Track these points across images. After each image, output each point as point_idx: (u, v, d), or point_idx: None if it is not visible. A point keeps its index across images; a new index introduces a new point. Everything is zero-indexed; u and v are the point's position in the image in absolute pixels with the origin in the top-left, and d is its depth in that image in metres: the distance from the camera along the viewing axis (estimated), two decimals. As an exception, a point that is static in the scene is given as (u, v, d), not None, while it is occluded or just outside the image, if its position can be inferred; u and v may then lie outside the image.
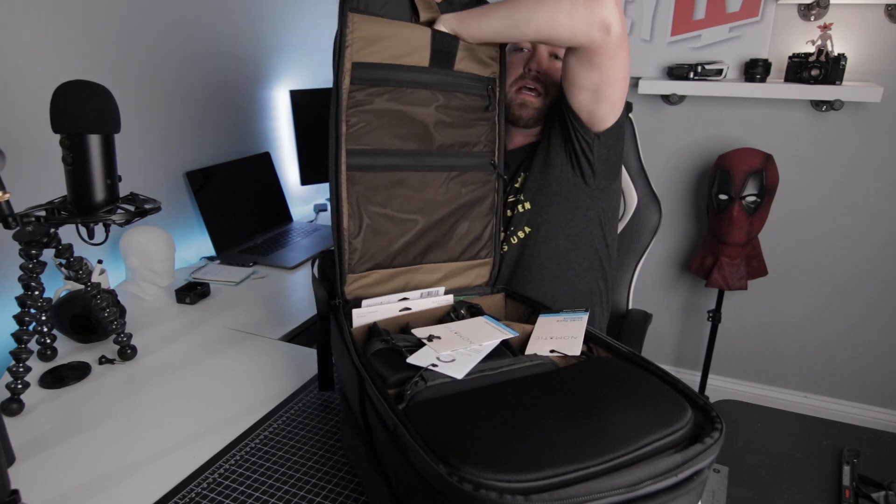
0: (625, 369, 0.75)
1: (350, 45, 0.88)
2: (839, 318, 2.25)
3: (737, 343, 2.42)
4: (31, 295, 1.04)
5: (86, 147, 0.98)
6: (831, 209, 2.16)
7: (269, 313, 1.45)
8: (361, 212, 0.94)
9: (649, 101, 2.25)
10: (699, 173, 2.29)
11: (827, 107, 2.05)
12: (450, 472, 0.55)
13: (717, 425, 0.63)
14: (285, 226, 2.09)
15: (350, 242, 0.93)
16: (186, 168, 1.79)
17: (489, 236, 1.08)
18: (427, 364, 0.76)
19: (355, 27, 0.88)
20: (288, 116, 2.19)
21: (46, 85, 1.01)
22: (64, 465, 0.91)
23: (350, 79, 0.89)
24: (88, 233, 1.06)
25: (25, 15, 1.32)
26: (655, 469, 0.57)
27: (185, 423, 1.02)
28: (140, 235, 1.49)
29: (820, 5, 1.96)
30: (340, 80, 0.88)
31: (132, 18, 1.56)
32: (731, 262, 2.10)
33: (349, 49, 0.88)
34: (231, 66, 1.93)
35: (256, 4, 1.98)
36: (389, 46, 0.91)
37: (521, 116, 1.22)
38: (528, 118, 1.22)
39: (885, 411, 2.28)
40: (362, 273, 0.95)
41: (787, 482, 1.64)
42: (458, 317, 0.94)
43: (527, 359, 0.80)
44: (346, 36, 0.87)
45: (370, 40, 0.89)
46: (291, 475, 0.89)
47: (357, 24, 0.88)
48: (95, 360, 1.20)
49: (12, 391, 1.03)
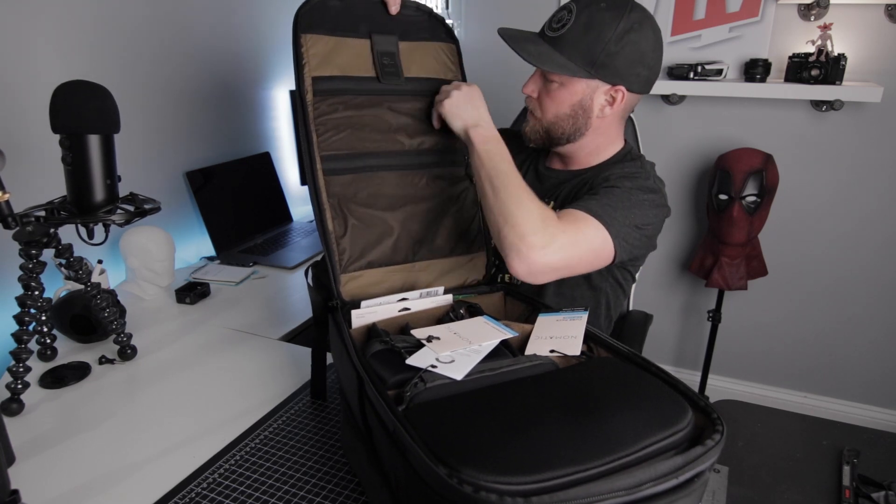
0: (625, 370, 0.75)
1: (307, 62, 0.95)
2: (839, 318, 2.25)
3: (737, 343, 2.42)
4: (31, 295, 1.04)
5: (85, 147, 0.98)
6: (831, 209, 2.16)
7: (268, 313, 1.45)
8: (345, 212, 0.96)
9: (649, 101, 2.25)
10: (699, 173, 2.29)
11: (827, 107, 2.05)
12: (450, 474, 0.55)
13: (718, 427, 0.63)
14: (285, 226, 2.09)
15: (338, 243, 0.94)
16: (186, 168, 1.79)
17: (477, 230, 1.09)
18: (426, 365, 0.76)
19: (308, 46, 0.96)
20: (288, 116, 2.19)
21: (46, 85, 1.01)
22: (64, 465, 0.91)
23: (312, 92, 0.96)
24: (88, 233, 1.06)
25: (25, 15, 1.32)
26: (656, 471, 0.57)
27: (185, 423, 1.02)
28: (140, 235, 1.49)
29: (820, 5, 1.95)
30: (304, 94, 0.95)
31: (132, 19, 1.56)
32: (731, 262, 2.10)
33: (306, 66, 0.95)
34: (231, 66, 1.92)
35: (256, 4, 1.98)
36: (340, 60, 0.98)
37: (525, 138, 1.20)
38: (529, 140, 1.19)
39: (885, 411, 2.28)
40: (354, 273, 0.96)
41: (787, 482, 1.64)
42: (457, 317, 0.94)
43: (527, 359, 0.80)
44: (301, 55, 0.95)
45: (323, 56, 0.97)
46: (291, 475, 0.89)
47: (310, 42, 0.96)
48: (95, 360, 1.20)
49: (12, 391, 1.03)
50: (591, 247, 0.97)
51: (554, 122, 1.13)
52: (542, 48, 1.07)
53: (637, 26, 1.04)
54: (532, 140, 1.18)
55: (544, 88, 1.12)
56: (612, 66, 1.05)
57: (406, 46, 1.05)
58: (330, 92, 0.97)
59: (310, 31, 0.95)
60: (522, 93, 1.16)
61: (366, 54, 1.01)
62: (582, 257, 0.97)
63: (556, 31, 1.07)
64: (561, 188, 1.19)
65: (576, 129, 1.13)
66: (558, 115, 1.12)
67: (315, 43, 0.96)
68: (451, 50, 1.11)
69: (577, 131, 1.13)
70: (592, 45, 1.04)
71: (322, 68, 0.96)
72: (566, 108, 1.11)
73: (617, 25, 1.03)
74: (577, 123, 1.12)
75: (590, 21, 1.03)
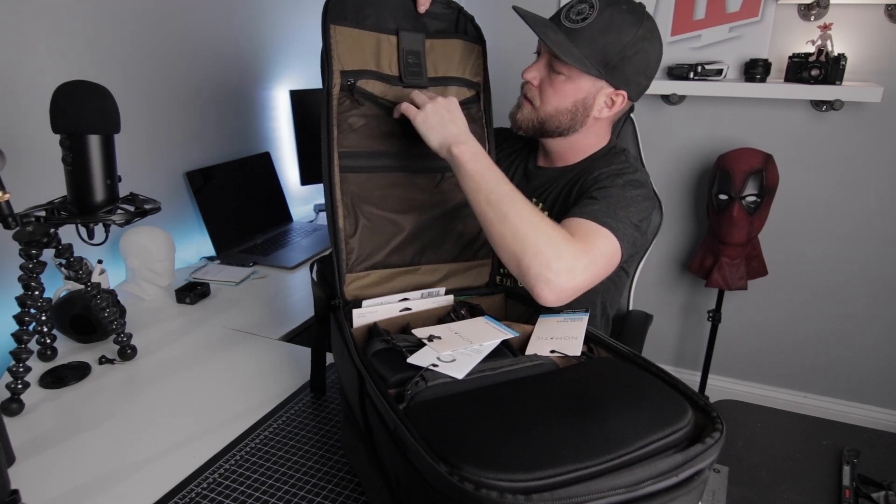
0: (625, 370, 0.75)
1: (336, 55, 0.93)
2: (839, 318, 2.25)
3: (737, 343, 2.42)
4: (31, 295, 1.04)
5: (86, 147, 0.98)
6: (831, 209, 2.16)
7: (268, 313, 1.45)
8: (357, 212, 0.95)
9: (649, 101, 2.25)
10: (699, 173, 2.29)
11: (827, 107, 2.05)
12: (451, 472, 0.55)
13: (717, 426, 0.63)
14: (285, 226, 2.09)
15: (347, 242, 0.94)
16: (186, 168, 1.79)
17: (485, 238, 1.08)
18: (427, 364, 0.76)
19: (338, 38, 0.93)
20: (288, 116, 2.19)
21: (46, 85, 1.01)
22: (64, 465, 0.91)
23: (340, 86, 0.94)
24: (88, 233, 1.06)
25: (25, 15, 1.32)
26: (656, 469, 0.57)
27: (185, 423, 1.02)
28: (140, 235, 1.49)
29: (820, 5, 1.96)
30: (330, 87, 0.93)
31: (131, 19, 1.56)
32: (731, 262, 2.10)
33: (335, 59, 0.93)
34: (231, 66, 1.93)
35: (256, 4, 1.98)
36: (367, 56, 0.96)
37: (514, 123, 1.17)
38: (518, 127, 1.16)
39: (885, 411, 2.28)
40: (361, 273, 0.95)
41: (787, 482, 1.64)
42: (458, 317, 0.94)
43: (527, 359, 0.80)
44: (331, 47, 0.93)
45: (352, 50, 0.95)
46: (291, 475, 0.89)
47: (339, 35, 0.94)
48: (95, 360, 1.20)
49: (12, 391, 1.03)
50: (606, 258, 0.97)
51: (553, 114, 1.11)
52: (559, 37, 1.05)
53: (650, 35, 1.04)
54: (523, 128, 1.15)
55: (548, 78, 1.10)
56: (622, 71, 1.05)
57: (433, 44, 1.03)
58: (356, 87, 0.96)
59: (339, 23, 0.93)
60: (522, 77, 1.13)
61: (392, 51, 0.99)
62: (602, 272, 0.96)
63: (575, 24, 1.04)
64: (548, 186, 1.19)
65: (571, 125, 1.12)
66: (559, 108, 1.10)
67: (345, 36, 0.94)
68: (478, 51, 1.08)
69: (572, 127, 1.12)
70: (610, 46, 1.03)
71: (350, 62, 0.95)
72: (568, 102, 1.10)
73: (636, 31, 1.02)
74: (574, 119, 1.11)
75: (611, 21, 1.02)
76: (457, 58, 1.06)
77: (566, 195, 1.14)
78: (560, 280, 0.86)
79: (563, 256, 0.87)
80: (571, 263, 0.88)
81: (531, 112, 1.13)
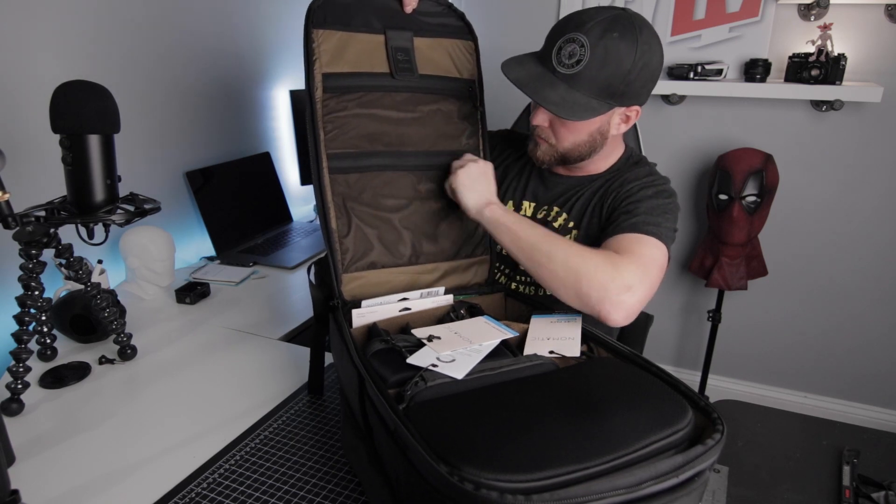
0: (625, 370, 0.75)
1: (317, 58, 0.94)
2: (839, 318, 2.25)
3: (737, 343, 2.42)
4: (31, 295, 1.04)
5: (85, 147, 0.98)
6: (831, 209, 2.16)
7: (268, 313, 1.45)
8: (349, 212, 0.95)
9: (649, 101, 2.23)
10: (699, 173, 2.29)
11: (827, 107, 2.05)
12: (451, 472, 0.55)
13: (718, 427, 0.63)
14: (285, 226, 2.09)
15: (341, 242, 0.94)
16: (186, 168, 1.79)
17: (482, 234, 1.08)
18: (427, 364, 0.76)
19: (320, 41, 0.94)
20: (288, 116, 2.19)
21: (46, 85, 1.01)
22: (64, 465, 0.91)
23: (322, 89, 0.94)
24: (88, 233, 1.06)
25: (25, 15, 1.32)
26: (656, 470, 0.57)
27: (185, 423, 1.02)
28: (140, 235, 1.49)
29: (820, 5, 1.96)
30: (313, 90, 0.94)
31: (132, 19, 1.56)
32: (731, 262, 2.10)
33: (317, 62, 0.94)
34: (231, 66, 1.92)
35: (256, 4, 1.98)
36: (352, 56, 0.97)
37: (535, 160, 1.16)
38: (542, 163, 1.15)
39: (885, 411, 2.28)
40: (357, 273, 0.95)
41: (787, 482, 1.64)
42: (457, 317, 0.94)
43: (527, 359, 0.80)
44: (312, 50, 0.93)
45: (335, 52, 0.95)
46: (291, 475, 0.89)
47: (321, 38, 0.94)
48: (95, 360, 1.20)
49: (12, 391, 1.03)
50: (658, 265, 0.98)
51: (571, 148, 1.10)
52: (559, 91, 1.01)
53: (648, 49, 1.01)
54: (545, 163, 1.15)
55: (557, 119, 1.07)
56: (630, 92, 1.03)
57: (422, 43, 1.02)
58: (341, 89, 0.96)
59: (322, 27, 0.94)
60: (531, 122, 1.11)
61: (380, 49, 0.99)
62: (657, 279, 0.97)
63: (571, 69, 1.00)
64: (571, 195, 1.17)
65: (592, 150, 1.12)
66: (576, 142, 1.09)
67: (327, 38, 0.94)
68: (469, 48, 1.08)
69: (594, 151, 1.12)
70: (612, 78, 1.00)
71: (333, 64, 0.95)
72: (584, 135, 1.08)
73: (634, 55, 0.99)
74: (593, 146, 1.10)
75: (606, 55, 0.98)
76: (447, 55, 1.06)
77: (595, 206, 1.13)
78: (622, 299, 0.89)
79: (617, 276, 0.90)
80: (627, 280, 0.90)
81: (549, 148, 1.12)
